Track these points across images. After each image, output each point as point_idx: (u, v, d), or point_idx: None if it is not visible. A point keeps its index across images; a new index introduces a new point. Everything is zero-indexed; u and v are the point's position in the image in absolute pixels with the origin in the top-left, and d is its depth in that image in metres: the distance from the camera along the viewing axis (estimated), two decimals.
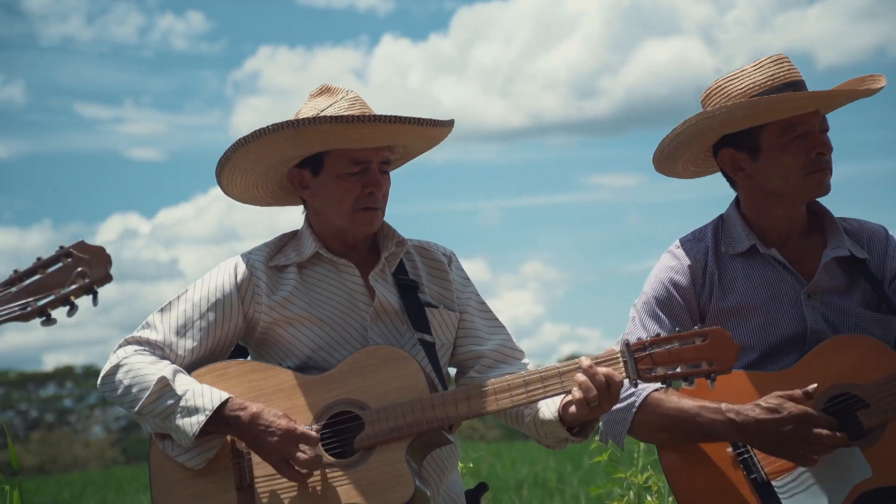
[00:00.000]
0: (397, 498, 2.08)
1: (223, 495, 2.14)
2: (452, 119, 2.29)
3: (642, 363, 2.08)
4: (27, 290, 1.82)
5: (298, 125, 2.15)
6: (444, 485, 2.30)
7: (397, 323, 2.28)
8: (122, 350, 2.22)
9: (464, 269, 2.40)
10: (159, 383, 2.14)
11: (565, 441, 2.21)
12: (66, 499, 12.13)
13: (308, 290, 2.27)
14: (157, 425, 2.16)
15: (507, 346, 2.34)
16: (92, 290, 1.84)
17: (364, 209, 2.24)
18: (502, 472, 10.09)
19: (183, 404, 2.13)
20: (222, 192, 2.34)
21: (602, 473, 7.28)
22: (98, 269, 1.84)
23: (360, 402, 2.15)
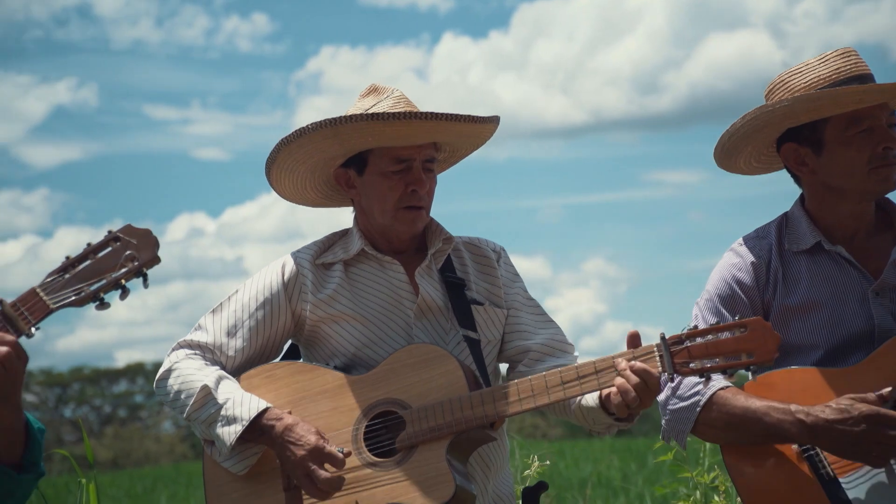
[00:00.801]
0: (438, 497, 2.09)
1: (272, 496, 2.17)
2: (496, 116, 2.28)
3: (679, 357, 2.06)
4: (80, 275, 1.84)
5: (336, 123, 2.18)
6: (492, 483, 2.30)
7: (442, 320, 2.29)
8: (174, 354, 2.26)
9: (513, 264, 2.39)
10: (202, 391, 2.18)
11: (613, 426, 2.20)
12: (138, 493, 12.43)
13: (353, 288, 2.29)
14: (203, 432, 2.20)
15: (556, 340, 2.33)
16: (141, 273, 1.86)
17: (407, 208, 2.25)
18: (565, 470, 10.05)
19: (223, 413, 2.16)
20: (275, 192, 2.36)
21: (667, 473, 7.20)
22: (146, 252, 1.86)
23: (401, 402, 2.17)
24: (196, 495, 10.66)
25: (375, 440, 2.17)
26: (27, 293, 1.82)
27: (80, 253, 1.85)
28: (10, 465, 1.91)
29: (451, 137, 2.29)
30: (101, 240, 1.86)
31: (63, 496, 9.43)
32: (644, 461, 9.56)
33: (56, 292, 1.82)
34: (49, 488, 10.18)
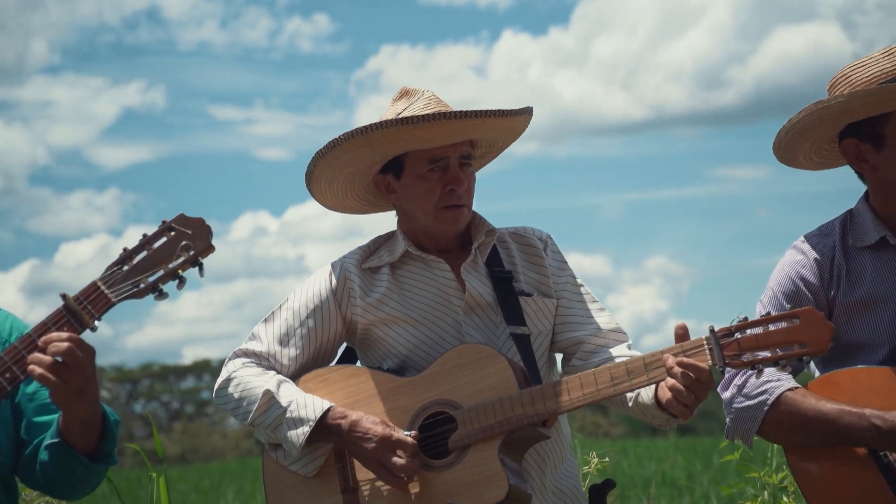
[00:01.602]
0: (491, 497, 2.10)
1: (330, 498, 2.20)
2: (528, 107, 2.26)
3: (729, 349, 2.04)
4: (138, 267, 1.85)
5: (366, 132, 2.19)
6: (550, 479, 2.29)
7: (491, 314, 2.29)
8: (232, 363, 2.30)
9: (560, 252, 2.38)
10: (265, 396, 2.21)
11: (671, 421, 2.19)
12: (206, 487, 12.67)
13: (401, 290, 2.30)
14: (269, 436, 2.23)
15: (607, 329, 2.31)
16: (197, 262, 1.86)
17: (447, 207, 2.25)
18: (628, 469, 9.96)
19: (288, 416, 2.19)
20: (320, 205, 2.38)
21: (733, 472, 7.09)
22: (201, 241, 1.86)
23: (453, 402, 2.17)
24: (262, 490, 10.81)
25: (429, 441, 2.19)
26: (88, 287, 1.85)
27: (137, 244, 1.87)
28: (86, 454, 1.96)
29: (483, 133, 2.29)
30: (155, 230, 1.87)
31: (135, 490, 9.67)
32: (709, 460, 9.42)
33: (116, 285, 1.85)
34: (121, 482, 10.44)
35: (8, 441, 2.03)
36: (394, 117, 2.24)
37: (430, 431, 2.19)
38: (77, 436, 1.96)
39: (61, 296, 1.84)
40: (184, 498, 10.58)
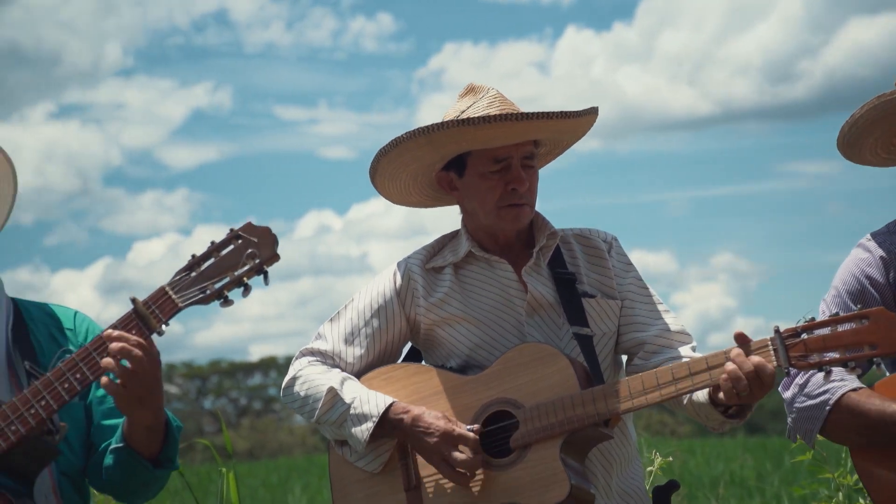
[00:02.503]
0: (553, 496, 2.09)
1: (394, 496, 2.21)
2: (594, 107, 2.25)
3: (795, 350, 2.00)
4: (205, 273, 1.87)
5: (428, 132, 2.20)
6: (616, 481, 2.28)
7: (553, 316, 2.28)
8: (298, 362, 2.33)
9: (625, 254, 2.37)
10: (329, 393, 2.23)
11: (725, 423, 2.16)
12: (273, 483, 12.86)
13: (463, 290, 2.31)
14: (334, 433, 2.26)
15: (671, 331, 2.29)
16: (262, 270, 1.88)
17: (509, 206, 2.25)
18: (695, 468, 9.82)
19: (352, 412, 2.21)
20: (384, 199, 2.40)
21: (805, 473, 6.94)
22: (266, 249, 1.88)
23: (514, 401, 2.17)
24: (328, 486, 10.93)
25: (490, 440, 2.19)
26: (157, 292, 1.89)
27: (205, 251, 1.89)
28: (149, 459, 2.00)
29: (545, 134, 2.29)
30: (223, 238, 1.90)
31: (205, 484, 9.86)
32: (780, 461, 9.24)
33: (183, 291, 1.88)
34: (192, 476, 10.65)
35: (79, 442, 2.07)
36: (455, 117, 2.25)
37: (491, 426, 2.19)
38: (140, 441, 1.99)
39: (131, 300, 1.88)
40: (252, 493, 10.75)
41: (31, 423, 1.86)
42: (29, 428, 1.86)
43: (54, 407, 1.87)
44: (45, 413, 1.87)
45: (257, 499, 9.84)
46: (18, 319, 2.06)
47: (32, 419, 1.86)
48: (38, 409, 1.87)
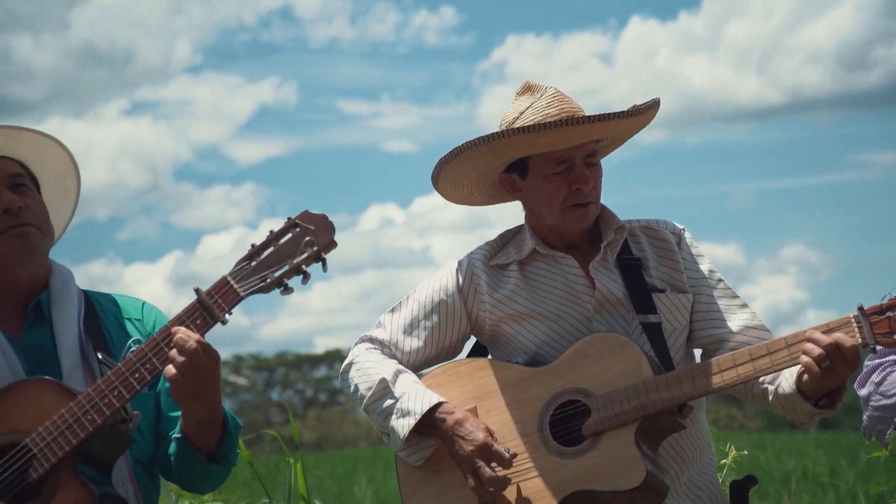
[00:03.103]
0: (628, 482, 2.08)
1: (463, 489, 2.20)
2: (654, 100, 2.22)
3: (879, 327, 1.97)
4: (265, 262, 1.89)
5: (488, 141, 2.19)
6: (686, 476, 2.25)
7: (622, 310, 2.26)
8: (356, 348, 2.34)
9: (696, 245, 2.32)
10: (380, 384, 2.24)
11: (815, 415, 2.11)
12: (340, 473, 13.00)
13: (529, 287, 2.29)
14: (380, 424, 2.27)
15: (751, 327, 2.25)
16: (320, 258, 1.89)
17: (574, 206, 2.24)
18: (766, 463, 9.63)
19: (399, 406, 2.21)
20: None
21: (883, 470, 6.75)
22: (323, 237, 1.89)
23: (585, 390, 2.16)
24: (393, 478, 11.00)
25: (561, 429, 2.18)
26: (219, 282, 1.92)
27: (264, 241, 1.91)
28: (204, 454, 2.03)
29: (606, 134, 2.26)
30: (281, 227, 1.92)
31: (273, 474, 10.01)
32: (855, 457, 9.01)
33: (245, 280, 1.90)
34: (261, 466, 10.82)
35: (150, 431, 2.10)
36: (514, 118, 2.24)
37: (562, 414, 2.18)
38: (195, 435, 2.02)
39: (195, 290, 1.92)
40: (319, 483, 10.88)
41: (106, 413, 1.90)
42: (104, 417, 1.91)
43: (126, 396, 1.91)
44: (118, 403, 1.91)
45: (324, 489, 9.95)
46: (90, 311, 2.10)
47: (107, 409, 1.91)
48: (111, 399, 1.91)
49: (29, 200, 2.05)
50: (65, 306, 2.06)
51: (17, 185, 2.05)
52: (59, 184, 2.16)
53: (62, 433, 1.90)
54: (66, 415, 1.90)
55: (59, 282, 2.09)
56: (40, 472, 1.89)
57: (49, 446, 1.89)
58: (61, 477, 1.90)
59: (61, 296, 2.08)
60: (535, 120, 2.20)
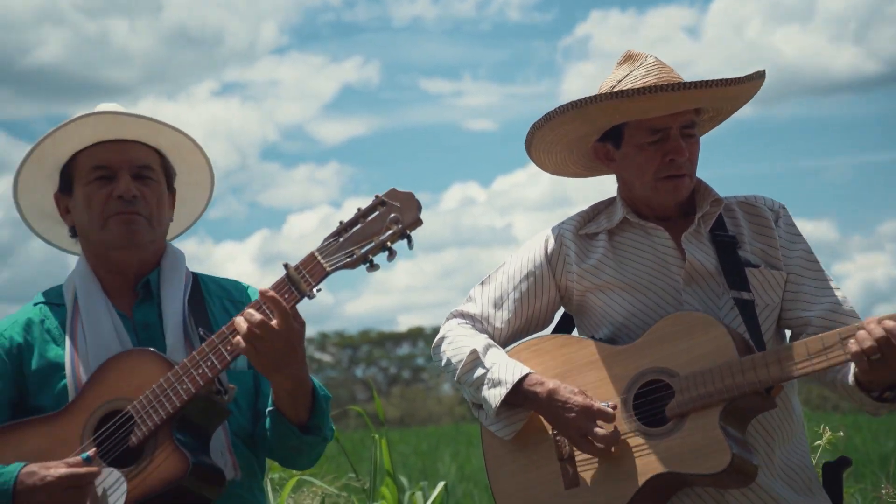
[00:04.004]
0: (713, 465, 2.04)
1: (547, 466, 2.20)
2: (760, 71, 2.16)
3: None
4: (351, 239, 1.91)
5: (580, 105, 2.16)
6: (778, 455, 2.20)
7: (713, 284, 2.21)
8: (448, 323, 2.35)
9: (794, 224, 2.27)
10: (471, 355, 2.24)
11: (880, 408, 2.06)
12: (424, 450, 13.14)
13: (617, 257, 2.27)
14: (472, 395, 2.27)
15: (837, 311, 2.19)
16: (405, 235, 1.90)
17: (667, 177, 2.19)
18: (862, 445, 9.35)
19: (490, 376, 2.21)
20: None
21: None
22: (409, 214, 1.89)
23: (669, 370, 2.13)
24: (476, 455, 11.08)
25: (645, 409, 2.15)
26: (307, 257, 1.94)
27: (352, 217, 1.93)
28: (297, 426, 2.06)
29: (706, 103, 2.21)
30: (369, 204, 1.93)
31: (359, 450, 10.17)
32: None
33: (331, 255, 1.92)
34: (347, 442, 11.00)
35: (249, 407, 2.15)
36: (611, 87, 2.20)
37: (645, 398, 2.15)
38: (286, 406, 2.04)
39: (283, 265, 1.95)
40: (404, 459, 11.01)
41: (200, 383, 1.96)
42: (198, 387, 1.96)
43: (219, 367, 1.96)
44: (210, 373, 1.96)
45: (408, 465, 10.07)
46: (196, 291, 2.18)
47: (200, 378, 1.96)
48: (205, 370, 1.96)
49: (148, 191, 2.13)
50: (172, 286, 2.14)
51: (141, 175, 2.13)
52: (193, 176, 2.24)
53: (159, 401, 1.97)
54: (163, 384, 1.97)
55: (170, 263, 2.18)
56: (140, 438, 1.97)
57: (148, 413, 1.97)
58: (158, 443, 1.96)
59: (170, 276, 2.16)
60: (631, 87, 2.16)
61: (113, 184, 2.10)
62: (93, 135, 2.11)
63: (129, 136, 2.13)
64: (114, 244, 2.12)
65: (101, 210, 2.10)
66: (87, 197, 2.11)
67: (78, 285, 2.14)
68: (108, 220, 2.10)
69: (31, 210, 2.22)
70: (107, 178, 2.11)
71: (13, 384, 2.09)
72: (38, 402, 2.08)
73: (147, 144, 2.16)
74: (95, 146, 2.13)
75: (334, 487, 4.00)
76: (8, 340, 2.11)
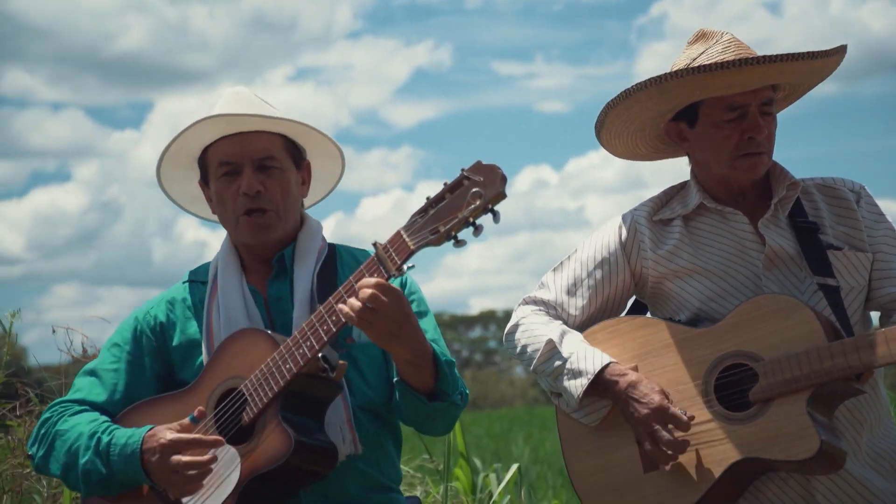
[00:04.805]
0: (801, 451, 2.00)
1: (626, 448, 2.18)
2: (841, 46, 2.10)
3: None
4: (436, 215, 1.90)
5: (660, 81, 2.12)
6: (866, 442, 2.15)
7: (794, 269, 2.17)
8: (521, 310, 2.34)
9: (876, 203, 2.22)
10: (548, 345, 2.22)
11: None
12: (497, 432, 13.16)
13: (694, 242, 2.23)
14: (550, 384, 2.25)
15: None
16: (488, 209, 1.86)
17: (745, 155, 2.15)
18: None
19: (568, 366, 2.19)
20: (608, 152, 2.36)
21: None
22: (491, 188, 1.85)
23: (752, 354, 2.08)
24: (550, 438, 11.06)
25: (726, 394, 2.11)
26: (394, 235, 1.95)
27: (438, 193, 1.92)
28: (424, 393, 2.07)
29: (787, 78, 2.16)
30: (454, 179, 1.91)
31: None
32: None
33: (416, 233, 1.92)
34: None
35: (377, 378, 2.16)
36: (687, 64, 2.16)
37: (726, 378, 2.11)
38: (409, 375, 2.04)
39: (373, 244, 1.96)
40: (477, 441, 11.05)
41: (301, 362, 1.98)
42: (300, 366, 1.98)
43: (316, 346, 1.98)
44: (309, 353, 1.98)
45: (482, 447, 10.10)
46: (329, 263, 2.20)
47: (301, 358, 1.98)
48: (304, 349, 1.98)
49: (272, 182, 2.16)
50: (304, 260, 2.19)
51: (264, 166, 2.16)
52: (322, 147, 2.26)
53: (266, 381, 2.00)
54: (270, 364, 2.01)
55: (306, 236, 2.22)
56: (251, 416, 2.01)
57: (257, 392, 2.01)
58: (267, 421, 2.00)
59: (304, 250, 2.20)
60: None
61: (239, 179, 2.15)
62: (214, 131, 2.17)
63: (250, 128, 2.16)
64: (246, 241, 2.19)
65: (233, 207, 2.16)
66: (218, 193, 2.18)
67: (220, 263, 2.21)
68: (239, 219, 2.16)
69: (183, 197, 2.31)
70: (233, 172, 2.16)
71: (159, 359, 2.19)
72: (182, 377, 2.17)
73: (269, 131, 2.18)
74: (221, 140, 2.17)
75: (409, 468, 4.03)
76: (153, 318, 2.21)
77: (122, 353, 2.20)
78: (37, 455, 2.14)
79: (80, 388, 2.20)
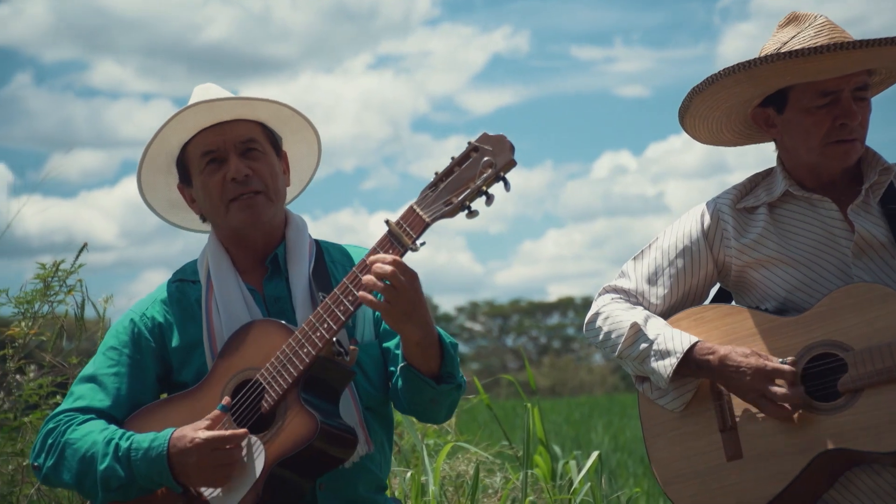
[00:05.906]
0: (891, 443, 1.96)
1: (708, 436, 2.16)
2: None
3: None
4: (448, 187, 1.91)
5: (749, 66, 2.08)
6: None
7: (887, 257, 2.12)
8: (601, 298, 2.33)
9: None
10: (632, 328, 2.21)
11: None
12: (576, 419, 13.10)
13: (779, 230, 2.20)
14: (636, 368, 2.24)
15: None
16: (500, 177, 1.89)
17: (836, 142, 2.11)
18: None
19: (655, 348, 2.17)
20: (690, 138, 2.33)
21: None
22: (501, 156, 1.88)
23: (841, 344, 2.05)
24: (630, 426, 10.96)
25: (814, 383, 2.08)
26: (406, 210, 1.96)
27: (447, 167, 1.93)
28: (430, 376, 2.08)
29: (883, 63, 2.10)
30: (462, 151, 1.94)
31: (511, 418, 10.25)
32: None
33: (429, 206, 1.93)
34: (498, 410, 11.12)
35: (378, 376, 2.17)
36: (776, 49, 2.12)
37: (814, 367, 2.08)
38: (417, 358, 2.04)
39: (385, 221, 1.98)
40: (556, 428, 11.02)
41: (319, 345, 1.99)
42: (318, 349, 1.99)
43: (335, 328, 1.99)
44: (328, 335, 1.99)
45: (561, 434, 10.08)
46: (320, 261, 2.20)
47: (319, 341, 1.99)
48: (322, 332, 1.99)
49: (258, 165, 2.15)
50: (298, 259, 2.19)
51: (247, 150, 2.16)
52: (299, 134, 2.27)
53: (284, 367, 2.02)
54: (286, 350, 2.03)
55: (294, 234, 2.22)
56: (270, 404, 2.01)
57: (275, 379, 2.02)
58: (288, 406, 2.01)
59: (295, 248, 2.20)
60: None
61: (224, 167, 2.14)
62: (194, 124, 2.15)
63: (228, 117, 2.15)
64: (239, 227, 2.16)
65: (220, 195, 2.14)
66: (204, 185, 2.16)
67: (211, 262, 2.19)
68: (230, 206, 2.14)
69: (161, 204, 2.30)
70: (217, 161, 2.15)
71: (159, 361, 2.17)
72: (182, 378, 2.16)
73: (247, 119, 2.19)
74: (200, 134, 2.16)
75: (489, 454, 4.05)
76: (150, 320, 2.19)
77: (121, 357, 2.17)
78: (44, 465, 2.11)
79: (82, 395, 2.16)
